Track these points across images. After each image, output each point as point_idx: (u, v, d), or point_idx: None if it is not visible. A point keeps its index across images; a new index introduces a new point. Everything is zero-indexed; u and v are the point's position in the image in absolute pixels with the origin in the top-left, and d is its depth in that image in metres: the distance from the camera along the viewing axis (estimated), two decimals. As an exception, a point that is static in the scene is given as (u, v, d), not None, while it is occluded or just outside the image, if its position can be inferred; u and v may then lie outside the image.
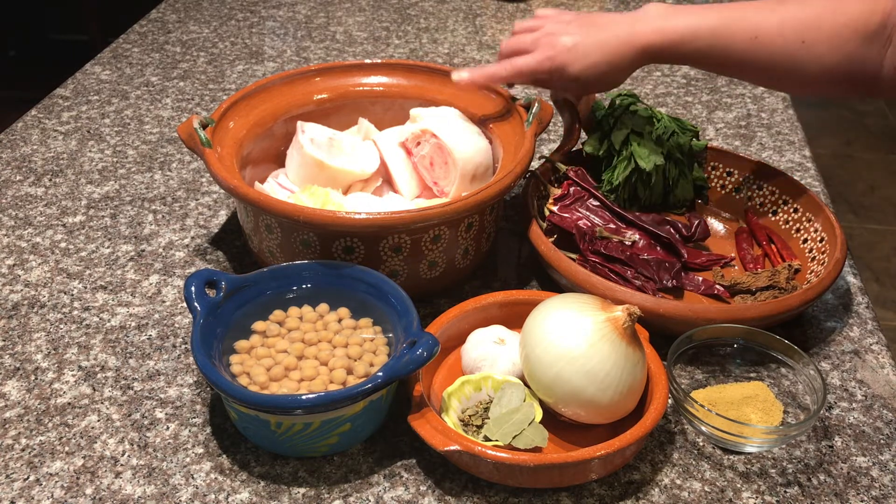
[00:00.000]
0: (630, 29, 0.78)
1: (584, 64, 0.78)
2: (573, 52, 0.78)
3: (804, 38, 0.73)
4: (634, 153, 0.89)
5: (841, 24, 0.72)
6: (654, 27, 0.77)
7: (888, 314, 2.18)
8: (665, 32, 0.76)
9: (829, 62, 0.73)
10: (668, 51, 0.77)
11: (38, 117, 1.15)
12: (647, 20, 0.77)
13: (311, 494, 0.63)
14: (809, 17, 0.73)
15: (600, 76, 0.79)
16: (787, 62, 0.74)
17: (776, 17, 0.74)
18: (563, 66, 0.79)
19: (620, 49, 0.78)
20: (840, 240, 0.81)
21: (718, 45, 0.75)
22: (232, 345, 0.68)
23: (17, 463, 0.65)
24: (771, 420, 0.69)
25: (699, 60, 0.78)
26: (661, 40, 0.77)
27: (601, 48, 0.78)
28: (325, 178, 0.84)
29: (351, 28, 1.46)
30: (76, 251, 0.89)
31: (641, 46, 0.77)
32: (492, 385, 0.69)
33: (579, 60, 0.78)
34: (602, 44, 0.78)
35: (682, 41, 0.76)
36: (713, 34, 0.75)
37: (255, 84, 0.90)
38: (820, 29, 0.72)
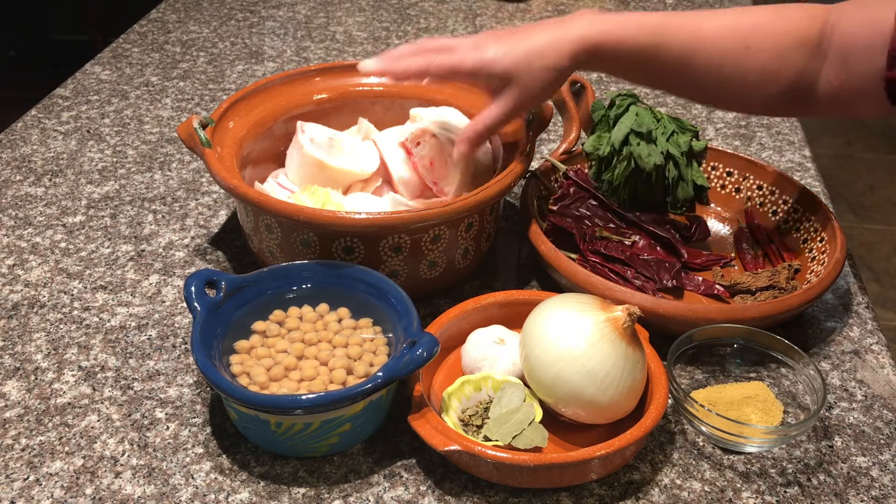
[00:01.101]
0: (562, 27, 0.73)
1: (513, 58, 0.73)
2: (499, 49, 0.73)
3: (748, 43, 0.71)
4: (634, 153, 0.89)
5: (784, 31, 0.71)
6: (591, 22, 0.72)
7: (888, 314, 2.18)
8: (605, 23, 0.72)
9: (771, 70, 0.71)
10: (606, 47, 0.72)
11: (38, 117, 1.15)
12: (583, 18, 0.73)
13: (311, 494, 0.63)
14: (754, 23, 0.72)
15: (530, 72, 0.73)
16: (730, 67, 0.72)
17: (720, 21, 0.72)
18: (490, 62, 0.73)
19: (552, 44, 0.72)
20: (840, 240, 0.81)
21: (661, 42, 0.72)
22: (232, 345, 0.68)
23: (17, 463, 0.65)
24: (771, 420, 0.69)
25: (639, 63, 0.73)
26: (600, 31, 0.72)
27: (530, 45, 0.73)
28: (325, 178, 0.84)
29: (351, 28, 1.46)
30: (76, 251, 0.89)
31: (576, 40, 0.72)
32: (492, 385, 0.69)
33: (507, 55, 0.73)
34: (531, 42, 0.73)
35: (620, 35, 0.72)
36: (657, 30, 0.72)
37: (255, 84, 0.90)
38: (764, 35, 0.71)
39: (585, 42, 0.72)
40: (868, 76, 0.68)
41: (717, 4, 1.59)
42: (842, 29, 0.69)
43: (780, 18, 0.72)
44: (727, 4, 1.59)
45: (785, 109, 0.77)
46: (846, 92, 0.70)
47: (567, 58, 0.72)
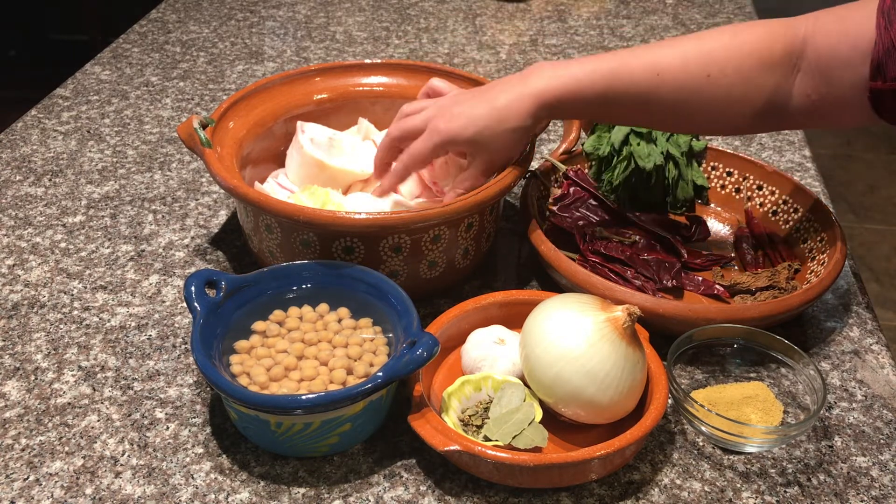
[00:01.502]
0: (521, 84, 0.74)
1: (476, 127, 0.74)
2: (462, 119, 0.74)
3: (709, 71, 0.70)
4: (634, 153, 0.89)
5: (745, 55, 0.70)
6: (548, 76, 0.73)
7: (888, 314, 2.18)
8: (561, 78, 0.72)
9: (736, 94, 0.71)
10: (565, 98, 0.72)
11: (38, 117, 1.15)
12: (540, 72, 0.74)
13: (311, 494, 0.63)
14: (711, 51, 0.71)
15: (494, 138, 0.74)
16: (693, 98, 0.71)
17: (677, 53, 0.72)
18: (455, 135, 0.75)
19: (512, 105, 0.73)
20: (840, 240, 0.81)
21: (619, 85, 0.72)
22: (232, 345, 0.68)
23: (17, 463, 0.65)
24: (771, 420, 0.69)
25: (600, 106, 0.73)
26: (557, 86, 0.72)
27: (491, 108, 0.74)
28: (325, 178, 0.84)
29: (351, 28, 1.46)
30: (76, 251, 0.89)
31: (535, 96, 0.73)
32: (492, 385, 0.69)
33: (470, 125, 0.74)
34: (493, 104, 0.74)
35: (579, 86, 0.72)
36: (613, 74, 0.72)
37: (255, 84, 0.90)
38: (724, 60, 0.70)
39: (543, 98, 0.73)
40: (849, 88, 0.68)
41: (717, 4, 1.59)
42: (818, 43, 0.69)
43: (738, 41, 0.71)
44: (726, 4, 1.59)
45: (759, 128, 0.77)
46: (827, 104, 0.70)
47: (528, 117, 0.73)
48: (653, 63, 0.72)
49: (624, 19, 1.52)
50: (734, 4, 1.59)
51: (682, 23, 1.50)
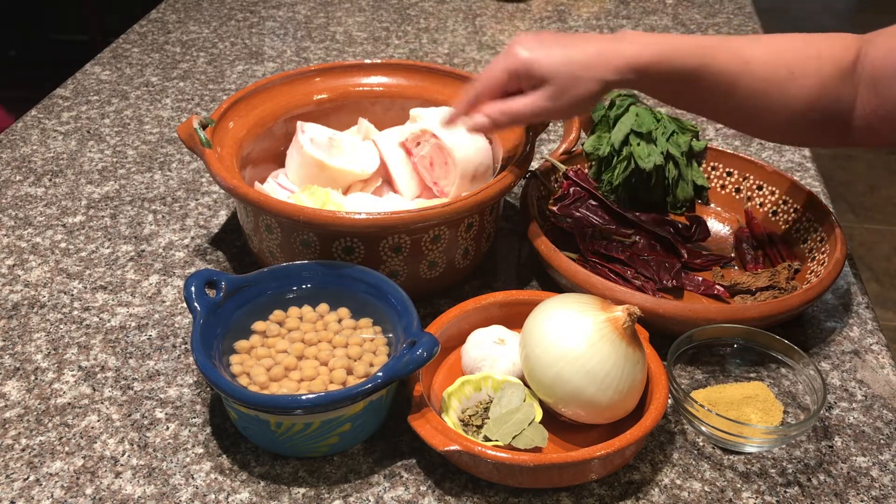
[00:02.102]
0: (615, 41, 0.72)
1: (558, 61, 0.71)
2: (545, 50, 0.71)
3: (792, 68, 0.71)
4: (634, 153, 0.89)
5: (823, 59, 0.71)
6: (644, 40, 0.71)
7: (888, 314, 2.18)
8: (657, 45, 0.71)
9: (812, 95, 0.71)
10: (659, 64, 0.71)
11: (38, 117, 1.15)
12: (635, 36, 0.72)
13: (311, 494, 0.63)
14: (794, 48, 0.72)
15: (572, 78, 0.71)
16: (775, 93, 0.71)
17: (762, 47, 0.72)
18: (534, 60, 0.71)
19: (603, 54, 0.71)
20: (840, 240, 0.81)
21: (710, 64, 0.71)
22: (232, 345, 0.68)
23: (17, 463, 0.65)
24: (771, 420, 0.69)
25: (687, 83, 0.72)
26: (653, 52, 0.71)
27: (580, 51, 0.71)
28: (325, 178, 0.84)
29: (351, 28, 1.46)
30: (76, 251, 0.89)
31: (628, 55, 0.71)
32: (492, 385, 0.69)
33: (553, 56, 0.71)
34: (583, 48, 0.71)
35: (674, 55, 0.70)
36: (705, 51, 0.71)
37: (255, 84, 0.90)
38: (806, 60, 0.71)
39: (637, 60, 0.70)
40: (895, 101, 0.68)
41: (717, 4, 1.59)
42: (871, 56, 0.70)
43: (814, 45, 0.72)
44: (726, 5, 1.59)
45: (823, 139, 0.76)
46: (878, 119, 0.70)
47: (614, 72, 0.71)
48: (741, 50, 0.72)
49: (624, 19, 1.52)
50: (734, 4, 1.59)
51: (682, 23, 1.50)
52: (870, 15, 3.99)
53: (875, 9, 4.04)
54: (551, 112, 0.73)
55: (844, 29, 0.76)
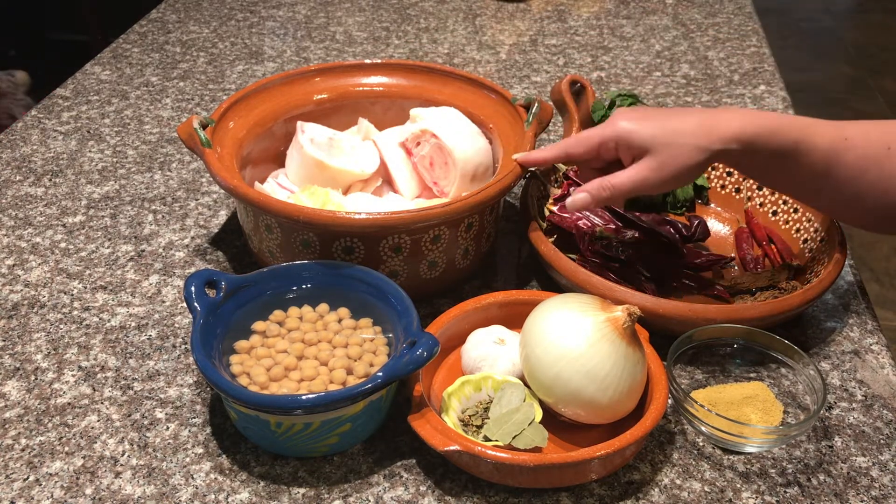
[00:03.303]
0: (715, 114, 0.71)
1: (658, 130, 0.70)
2: (647, 121, 0.71)
3: (890, 144, 0.69)
4: (634, 153, 0.89)
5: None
6: (745, 113, 0.70)
7: (888, 314, 2.17)
8: (759, 118, 0.70)
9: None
10: (761, 136, 0.69)
11: (38, 117, 1.15)
12: (736, 111, 0.71)
13: (311, 494, 0.63)
14: (891, 128, 0.70)
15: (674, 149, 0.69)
16: (873, 170, 0.69)
17: (859, 126, 0.71)
18: (632, 130, 0.71)
19: (703, 127, 0.69)
20: (840, 240, 0.81)
21: (809, 140, 0.69)
22: (232, 345, 0.68)
23: (17, 463, 0.65)
24: (771, 420, 0.69)
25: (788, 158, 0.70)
26: (757, 124, 0.69)
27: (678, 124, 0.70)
28: (325, 178, 0.84)
29: (351, 28, 1.46)
30: (76, 251, 0.89)
31: (731, 127, 0.69)
32: (492, 385, 0.69)
33: (653, 127, 0.70)
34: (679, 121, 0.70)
35: (776, 128, 0.69)
36: (805, 127, 0.69)
37: (255, 84, 0.90)
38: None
39: (742, 131, 0.69)
40: None
41: (717, 4, 1.59)
42: None
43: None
44: (726, 5, 1.59)
45: None
46: None
47: (718, 141, 0.69)
48: (839, 128, 0.70)
49: (624, 19, 1.52)
50: (734, 4, 1.59)
51: (682, 23, 1.51)
52: (870, 15, 3.99)
53: (875, 9, 4.04)
54: (654, 184, 0.71)
55: (845, 29, 0.76)
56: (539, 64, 1.33)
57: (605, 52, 1.38)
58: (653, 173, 0.71)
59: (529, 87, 1.26)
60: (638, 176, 0.71)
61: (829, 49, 3.59)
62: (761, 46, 1.41)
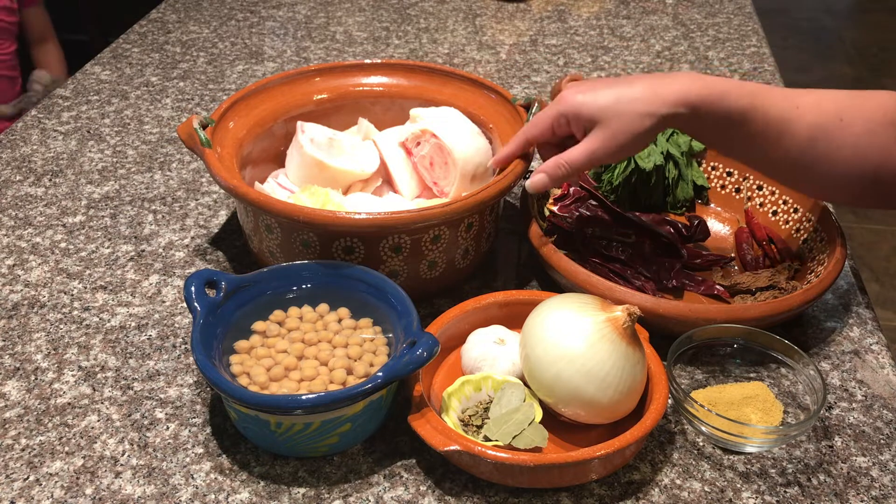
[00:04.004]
0: (665, 77, 0.71)
1: (606, 101, 0.71)
2: (593, 93, 0.72)
3: (842, 115, 0.69)
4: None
5: (873, 109, 0.69)
6: (695, 77, 0.70)
7: (888, 314, 2.18)
8: (708, 82, 0.70)
9: (862, 147, 0.69)
10: (709, 102, 0.69)
11: (38, 117, 1.15)
12: (684, 75, 0.71)
13: (311, 494, 0.63)
14: (844, 99, 0.71)
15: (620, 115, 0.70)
16: (824, 140, 0.69)
17: (812, 94, 0.71)
18: (580, 104, 0.72)
19: (651, 92, 0.70)
20: (840, 240, 0.81)
21: (760, 106, 0.69)
22: (232, 345, 0.68)
23: (17, 463, 0.65)
24: (771, 420, 0.69)
25: (737, 125, 0.70)
26: (704, 87, 0.69)
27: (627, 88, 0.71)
28: (325, 178, 0.84)
29: (351, 28, 1.46)
30: (76, 251, 0.89)
31: (679, 90, 0.69)
32: (492, 385, 0.69)
33: (600, 98, 0.71)
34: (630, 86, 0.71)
35: (725, 93, 0.69)
36: (756, 93, 0.70)
37: (255, 84, 0.90)
38: (856, 109, 0.69)
39: (687, 95, 0.69)
40: None
41: (717, 4, 1.59)
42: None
43: (868, 97, 0.71)
44: (726, 5, 1.59)
45: (870, 197, 0.74)
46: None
47: (665, 105, 0.70)
48: (791, 96, 0.71)
49: (624, 19, 1.52)
50: (734, 4, 1.59)
51: (682, 23, 1.50)
52: (870, 15, 3.99)
53: (875, 9, 4.04)
54: (607, 155, 0.72)
55: (845, 29, 0.76)
56: (539, 64, 1.33)
57: (605, 52, 1.38)
58: (604, 144, 0.71)
59: (529, 87, 1.26)
60: (590, 148, 0.72)
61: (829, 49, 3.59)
62: (761, 46, 1.41)
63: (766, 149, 0.72)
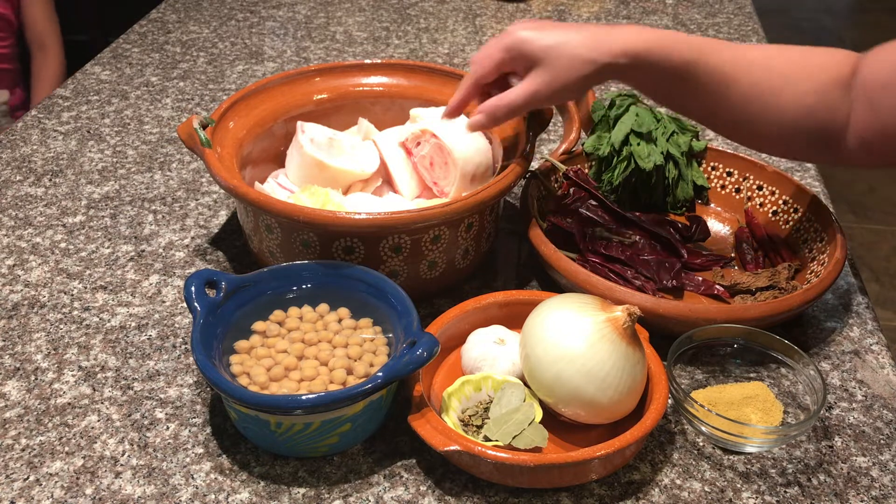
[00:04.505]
0: (608, 29, 0.71)
1: (552, 40, 0.71)
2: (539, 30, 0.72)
3: (788, 73, 0.70)
4: (634, 153, 0.89)
5: (820, 68, 0.70)
6: (640, 29, 0.71)
7: (888, 314, 2.18)
8: (654, 34, 0.70)
9: (806, 105, 0.70)
10: (652, 54, 0.69)
11: (38, 117, 1.15)
12: (629, 27, 0.72)
13: (311, 494, 0.63)
14: (791, 56, 0.71)
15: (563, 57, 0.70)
16: (770, 96, 0.70)
17: (761, 51, 0.72)
18: (527, 38, 0.71)
19: (594, 40, 0.70)
20: (840, 240, 0.81)
21: (705, 61, 0.70)
22: (232, 345, 0.68)
23: (17, 463, 0.65)
24: (771, 420, 0.69)
25: (680, 79, 0.71)
26: (649, 39, 0.70)
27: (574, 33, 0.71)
28: (325, 178, 0.84)
29: (351, 28, 1.46)
30: (76, 251, 0.89)
31: (623, 40, 0.70)
32: (492, 385, 0.69)
33: (546, 36, 0.71)
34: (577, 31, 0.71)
35: (670, 46, 0.70)
36: (703, 47, 0.70)
37: (255, 84, 0.90)
38: (803, 68, 0.70)
39: (631, 46, 0.70)
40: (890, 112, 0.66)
41: (717, 4, 1.59)
42: (866, 70, 0.68)
43: (816, 55, 0.71)
44: (726, 5, 1.59)
45: (815, 152, 0.75)
46: (872, 134, 0.69)
47: (607, 54, 0.70)
48: (739, 51, 0.71)
49: (624, 19, 1.52)
50: (734, 4, 1.59)
51: (682, 23, 1.50)
52: (870, 15, 3.99)
53: (875, 9, 4.04)
54: (545, 96, 0.73)
55: (845, 29, 0.76)
56: (539, 64, 1.33)
57: (605, 52, 1.38)
58: (543, 86, 0.72)
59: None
60: (530, 89, 0.72)
61: (829, 49, 3.59)
62: (761, 46, 1.41)
63: (708, 104, 0.73)
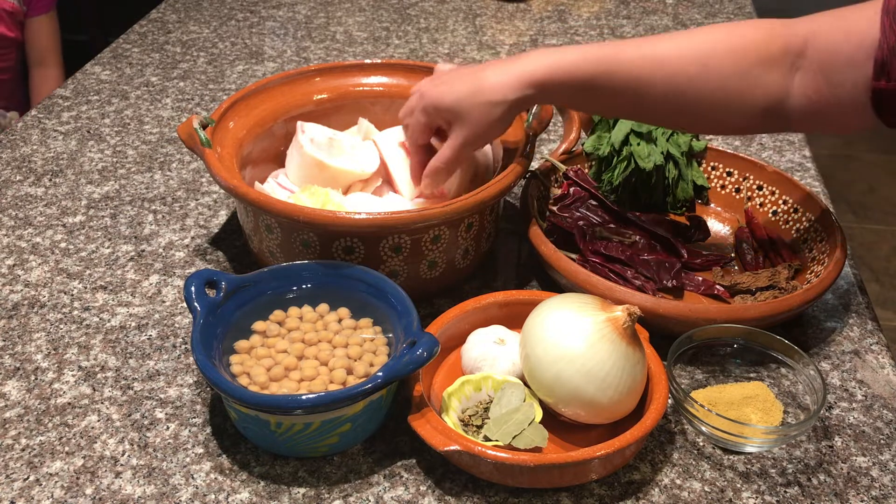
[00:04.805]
0: (512, 63, 0.73)
1: (457, 95, 0.74)
2: (446, 87, 0.75)
3: (705, 61, 0.70)
4: (634, 153, 0.89)
5: (742, 49, 0.70)
6: (540, 56, 0.72)
7: (888, 314, 2.18)
8: (551, 58, 0.72)
9: (733, 87, 0.70)
10: (554, 78, 0.71)
11: (38, 117, 1.15)
12: (533, 53, 0.73)
13: (311, 494, 0.63)
14: (709, 42, 0.71)
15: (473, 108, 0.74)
16: (688, 88, 0.70)
17: (672, 43, 0.72)
18: (436, 100, 0.76)
19: (498, 79, 0.73)
20: (840, 240, 0.81)
21: (610, 70, 0.71)
22: (232, 345, 0.68)
23: (17, 463, 0.65)
24: (771, 420, 0.69)
25: (589, 91, 0.72)
26: (547, 65, 0.71)
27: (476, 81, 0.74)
28: (325, 178, 0.84)
29: (351, 28, 1.46)
30: (76, 251, 0.89)
31: (522, 73, 0.72)
32: (492, 385, 0.69)
33: (452, 93, 0.75)
34: (478, 77, 0.74)
35: (568, 67, 0.71)
36: (605, 58, 0.71)
37: (255, 84, 0.90)
38: (722, 53, 0.70)
39: (532, 76, 0.72)
40: (851, 87, 0.67)
41: (717, 4, 1.59)
42: (819, 42, 0.68)
43: (736, 35, 0.71)
44: (726, 5, 1.59)
45: (758, 128, 0.76)
46: (828, 105, 0.69)
47: (514, 90, 0.72)
48: (650, 51, 0.71)
49: (624, 19, 1.52)
50: (734, 4, 1.59)
51: (682, 23, 1.50)
52: (870, 15, 3.98)
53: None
54: (471, 146, 0.77)
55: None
56: (539, 64, 1.33)
57: (605, 52, 1.38)
58: (469, 136, 0.76)
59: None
60: (457, 144, 0.76)
61: (829, 49, 3.59)
62: (761, 46, 1.41)
63: (626, 106, 0.75)
